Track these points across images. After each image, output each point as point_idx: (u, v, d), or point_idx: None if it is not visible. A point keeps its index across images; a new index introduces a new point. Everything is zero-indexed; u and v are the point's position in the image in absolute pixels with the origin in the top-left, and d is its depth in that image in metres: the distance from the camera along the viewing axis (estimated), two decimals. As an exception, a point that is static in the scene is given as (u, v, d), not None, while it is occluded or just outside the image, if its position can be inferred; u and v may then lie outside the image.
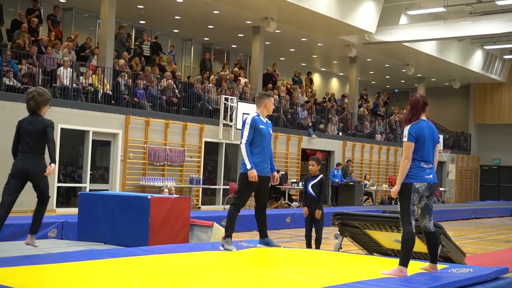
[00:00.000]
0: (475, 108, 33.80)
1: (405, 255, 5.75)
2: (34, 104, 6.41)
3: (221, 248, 7.04)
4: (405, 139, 5.83)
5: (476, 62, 29.15)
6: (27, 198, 14.02)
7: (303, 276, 5.58)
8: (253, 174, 7.02)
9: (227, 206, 18.40)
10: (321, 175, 8.85)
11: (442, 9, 22.26)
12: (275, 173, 7.49)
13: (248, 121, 7.20)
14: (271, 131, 7.44)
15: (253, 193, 7.40)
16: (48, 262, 5.67)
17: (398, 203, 5.86)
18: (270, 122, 7.52)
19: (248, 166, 7.04)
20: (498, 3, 21.75)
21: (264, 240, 7.51)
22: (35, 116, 6.46)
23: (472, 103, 33.88)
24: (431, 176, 5.86)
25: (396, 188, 5.81)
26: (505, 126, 33.09)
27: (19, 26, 16.17)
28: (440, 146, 6.22)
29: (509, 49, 29.71)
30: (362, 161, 24.69)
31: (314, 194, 8.72)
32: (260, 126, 7.23)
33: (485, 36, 24.12)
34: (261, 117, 7.35)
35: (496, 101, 32.99)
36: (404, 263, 5.73)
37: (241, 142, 7.16)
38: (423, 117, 5.95)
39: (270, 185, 7.56)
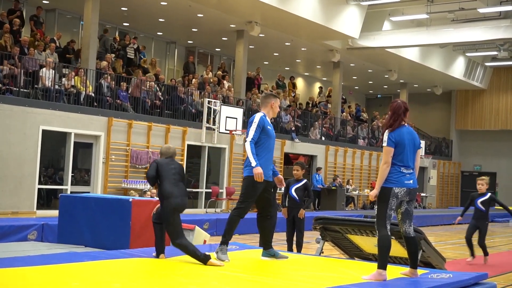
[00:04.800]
0: (457, 115, 34.07)
1: (382, 258, 5.80)
2: None
3: (215, 254, 6.50)
4: (384, 144, 5.90)
5: (458, 69, 29.38)
6: (6, 200, 13.95)
7: (283, 281, 5.59)
8: (258, 171, 6.35)
9: (210, 210, 18.41)
10: (305, 180, 8.92)
11: (425, 16, 22.42)
12: (280, 176, 7.05)
13: (256, 120, 6.58)
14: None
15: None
16: (27, 265, 5.62)
17: (376, 207, 5.91)
18: None
19: (253, 163, 6.37)
20: (480, 10, 21.96)
21: (269, 252, 6.89)
22: None
23: (454, 109, 34.15)
24: (411, 181, 5.90)
25: (375, 192, 5.85)
26: (486, 133, 33.38)
27: (0, 27, 16.03)
28: (422, 151, 6.27)
29: (490, 56, 29.95)
30: (344, 165, 24.77)
31: (297, 198, 8.77)
32: (268, 127, 6.65)
33: (467, 43, 24.31)
34: (267, 118, 6.79)
35: (478, 108, 33.28)
36: (382, 266, 5.79)
37: (245, 140, 6.54)
38: (404, 123, 6.01)
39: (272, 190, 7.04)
